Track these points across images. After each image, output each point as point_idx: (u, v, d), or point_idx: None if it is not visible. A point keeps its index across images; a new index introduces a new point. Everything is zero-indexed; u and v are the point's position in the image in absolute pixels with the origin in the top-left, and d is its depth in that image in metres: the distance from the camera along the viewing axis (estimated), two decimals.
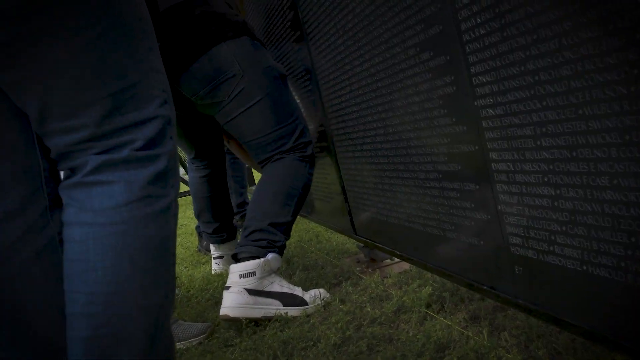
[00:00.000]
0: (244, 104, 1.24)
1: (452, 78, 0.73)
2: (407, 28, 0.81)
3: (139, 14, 0.61)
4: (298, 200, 1.23)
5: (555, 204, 0.60)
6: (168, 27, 1.24)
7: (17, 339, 0.61)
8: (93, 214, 0.57)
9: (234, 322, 1.11)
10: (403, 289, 1.06)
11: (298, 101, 1.47)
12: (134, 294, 0.57)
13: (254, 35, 1.30)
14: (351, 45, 1.04)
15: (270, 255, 1.14)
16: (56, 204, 0.65)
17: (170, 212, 0.62)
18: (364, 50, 0.99)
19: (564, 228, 0.60)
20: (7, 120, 0.61)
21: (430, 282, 1.04)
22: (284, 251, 1.22)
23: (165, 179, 0.62)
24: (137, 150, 0.59)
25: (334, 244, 1.71)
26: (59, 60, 0.55)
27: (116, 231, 0.57)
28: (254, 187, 3.69)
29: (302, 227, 2.13)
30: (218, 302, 1.31)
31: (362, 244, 1.37)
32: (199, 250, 2.14)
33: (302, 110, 1.44)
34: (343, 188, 1.37)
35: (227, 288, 1.12)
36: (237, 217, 2.38)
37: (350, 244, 1.62)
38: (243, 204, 2.47)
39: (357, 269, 1.35)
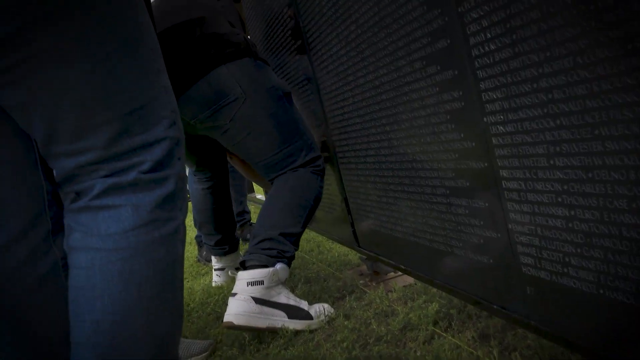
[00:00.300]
0: (248, 126, 1.22)
1: (460, 93, 0.72)
2: (413, 40, 0.80)
3: (146, 34, 0.60)
4: (309, 212, 1.22)
5: (570, 225, 0.59)
6: (166, 49, 1.22)
7: None
8: (99, 239, 0.56)
9: (237, 330, 1.08)
10: (409, 304, 1.04)
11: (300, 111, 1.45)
12: (140, 322, 0.56)
13: (256, 55, 1.27)
14: (354, 56, 1.03)
15: (279, 265, 1.12)
16: (59, 228, 0.63)
17: (177, 236, 0.60)
18: (368, 61, 0.97)
19: (579, 250, 0.59)
20: (9, 142, 0.59)
21: (437, 298, 1.02)
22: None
23: (173, 201, 0.60)
24: (144, 172, 0.58)
25: (336, 254, 1.69)
26: (66, 82, 0.53)
27: (123, 257, 0.56)
28: (253, 195, 3.68)
29: (303, 237, 2.10)
30: (219, 316, 1.29)
31: (364, 256, 1.35)
32: (199, 261, 2.11)
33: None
34: (345, 199, 1.35)
35: (234, 295, 1.10)
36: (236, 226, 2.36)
37: (353, 255, 1.60)
38: (242, 213, 2.45)
39: (361, 282, 1.33)
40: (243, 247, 2.16)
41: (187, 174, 1.68)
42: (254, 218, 2.82)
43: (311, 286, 1.37)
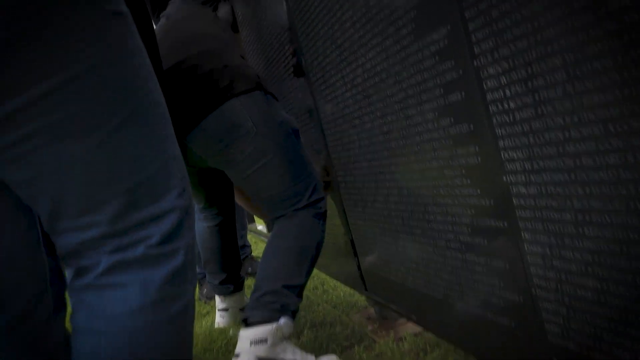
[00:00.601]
0: (258, 161, 1.18)
1: (477, 148, 0.68)
2: (424, 90, 0.77)
3: (155, 100, 0.56)
4: (312, 260, 1.17)
5: (602, 299, 0.55)
6: (177, 84, 1.19)
7: None
8: (105, 321, 0.52)
9: None
10: (422, 358, 0.99)
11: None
12: None
13: (266, 89, 1.25)
14: (361, 100, 1.00)
15: (282, 320, 1.07)
16: (61, 305, 0.59)
17: (187, 314, 0.57)
18: (376, 107, 0.94)
19: (612, 325, 0.54)
20: (11, 219, 0.56)
21: (451, 351, 0.97)
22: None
23: (183, 275, 0.56)
24: (153, 246, 0.54)
25: (341, 294, 1.63)
26: (74, 157, 0.50)
27: (129, 340, 0.52)
28: (253, 225, 3.62)
29: None
30: None
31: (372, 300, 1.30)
32: (200, 299, 2.06)
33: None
34: (352, 241, 1.31)
35: (237, 356, 1.05)
36: None
37: (359, 295, 1.55)
38: (243, 247, 2.40)
39: (369, 328, 1.28)
40: (246, 283, 2.11)
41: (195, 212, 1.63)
42: (254, 249, 2.77)
43: (317, 332, 1.32)
